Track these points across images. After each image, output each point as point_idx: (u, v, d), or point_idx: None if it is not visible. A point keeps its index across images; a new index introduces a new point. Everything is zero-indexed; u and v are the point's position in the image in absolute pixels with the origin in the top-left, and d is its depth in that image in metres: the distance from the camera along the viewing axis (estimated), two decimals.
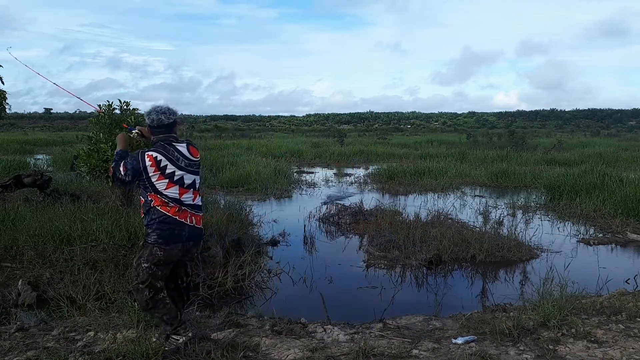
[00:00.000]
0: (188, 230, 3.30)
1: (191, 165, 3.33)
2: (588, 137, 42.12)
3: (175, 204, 3.26)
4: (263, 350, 3.51)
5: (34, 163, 16.76)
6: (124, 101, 7.28)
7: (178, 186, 3.26)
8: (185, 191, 3.29)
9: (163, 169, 3.22)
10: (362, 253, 6.97)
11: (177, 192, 3.26)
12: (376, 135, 46.86)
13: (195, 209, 3.35)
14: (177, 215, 3.26)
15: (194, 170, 3.35)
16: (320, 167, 19.99)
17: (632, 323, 3.97)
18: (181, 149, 3.32)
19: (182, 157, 3.30)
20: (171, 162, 3.24)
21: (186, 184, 3.30)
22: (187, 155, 3.33)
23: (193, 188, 3.34)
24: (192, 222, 3.32)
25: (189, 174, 3.31)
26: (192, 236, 3.35)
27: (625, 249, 7.45)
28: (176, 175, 3.25)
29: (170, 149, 3.27)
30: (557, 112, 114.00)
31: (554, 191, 11.41)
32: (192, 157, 3.35)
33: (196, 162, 3.38)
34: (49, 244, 5.56)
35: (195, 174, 3.37)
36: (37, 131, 51.60)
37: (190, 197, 3.32)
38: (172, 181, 3.24)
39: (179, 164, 3.27)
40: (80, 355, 3.32)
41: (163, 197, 3.24)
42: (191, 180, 3.33)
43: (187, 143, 3.38)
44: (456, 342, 3.62)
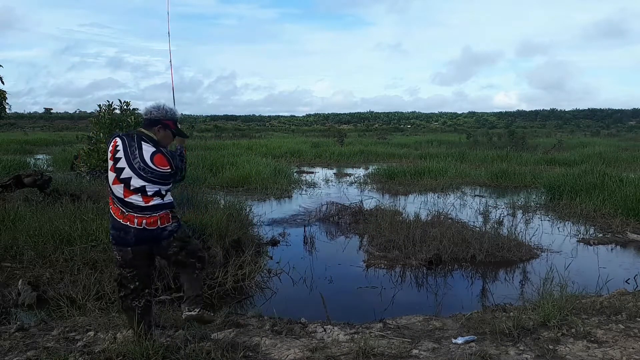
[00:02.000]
0: (134, 233, 2.97)
1: (146, 172, 2.96)
2: (588, 137, 42.13)
3: (119, 205, 2.99)
4: (263, 350, 3.51)
5: (34, 163, 16.76)
6: (124, 101, 7.31)
7: (123, 185, 2.96)
8: (131, 194, 2.96)
9: (116, 160, 2.98)
10: (362, 253, 6.97)
11: (122, 192, 2.96)
12: (376, 135, 46.85)
13: (145, 211, 2.97)
14: (120, 218, 2.98)
15: (148, 177, 2.97)
16: (320, 167, 19.98)
17: (632, 323, 3.97)
18: (145, 150, 2.99)
19: (140, 158, 2.97)
20: (125, 157, 2.96)
21: (132, 187, 2.96)
22: (148, 161, 2.97)
23: (142, 193, 2.96)
24: (142, 225, 2.96)
25: (139, 179, 2.96)
26: (143, 239, 3.00)
27: (625, 249, 7.45)
28: (124, 173, 2.95)
29: (134, 144, 3.00)
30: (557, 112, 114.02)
31: (554, 191, 11.41)
32: (153, 166, 2.98)
33: (157, 172, 2.99)
34: (49, 244, 5.56)
35: (149, 181, 2.98)
36: (37, 131, 51.61)
37: (138, 200, 2.96)
38: (118, 178, 2.96)
39: (133, 163, 2.96)
40: (80, 355, 3.32)
41: (112, 194, 3.00)
42: (139, 185, 2.96)
43: (155, 150, 3.01)
44: (456, 342, 3.62)
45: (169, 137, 3.19)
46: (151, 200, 3.00)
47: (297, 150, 23.99)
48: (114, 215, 3.03)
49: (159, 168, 3.01)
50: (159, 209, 3.02)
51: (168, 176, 3.07)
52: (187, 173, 3.32)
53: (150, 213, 3.00)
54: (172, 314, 4.05)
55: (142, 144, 3.02)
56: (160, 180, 3.03)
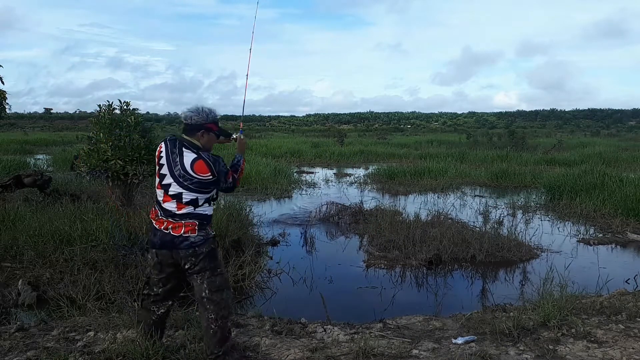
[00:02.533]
0: (159, 235, 3.01)
1: (185, 179, 2.93)
2: (588, 137, 42.15)
3: (157, 208, 3.04)
4: (263, 350, 3.51)
5: (34, 163, 16.75)
6: (124, 101, 7.28)
7: (163, 191, 2.99)
8: (169, 199, 2.98)
9: (160, 166, 3.01)
10: (362, 253, 6.97)
11: (162, 196, 3.00)
12: (376, 135, 46.86)
13: (174, 217, 2.97)
14: (154, 220, 3.05)
15: (186, 185, 2.94)
16: (320, 167, 19.98)
17: (632, 323, 3.97)
18: (186, 157, 2.96)
19: (180, 165, 2.95)
20: (167, 164, 2.98)
21: (171, 192, 2.97)
22: (187, 167, 2.94)
23: (178, 200, 2.96)
24: (167, 229, 2.98)
25: (178, 186, 2.95)
26: (164, 242, 2.99)
27: (625, 249, 7.45)
28: (165, 179, 2.98)
29: (175, 150, 2.98)
30: (557, 112, 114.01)
31: (554, 191, 11.41)
32: (191, 172, 2.93)
33: (196, 179, 2.94)
34: (49, 244, 5.56)
35: (187, 188, 2.95)
36: (37, 131, 51.61)
37: (172, 206, 2.98)
38: (160, 183, 3.00)
39: (174, 170, 2.95)
40: (80, 355, 3.32)
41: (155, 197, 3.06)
42: (176, 192, 2.96)
43: (196, 157, 2.96)
44: (456, 342, 3.62)
45: (213, 139, 3.12)
46: (184, 207, 2.97)
47: (297, 150, 24.00)
48: (150, 216, 3.11)
49: (199, 175, 2.94)
50: (186, 217, 2.98)
51: (209, 183, 2.99)
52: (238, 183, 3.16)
53: (178, 220, 2.98)
54: (172, 314, 4.04)
55: (183, 150, 2.98)
56: (200, 188, 2.97)
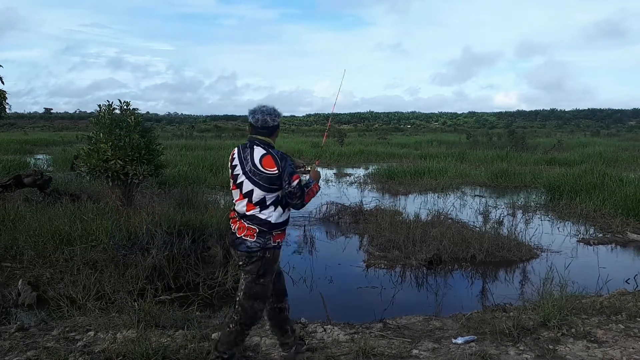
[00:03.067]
0: (231, 235, 3.17)
1: (254, 174, 3.01)
2: (588, 137, 42.13)
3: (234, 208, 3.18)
4: (263, 350, 3.51)
5: (34, 163, 16.75)
6: (124, 101, 7.27)
7: (238, 191, 3.09)
8: (241, 198, 3.08)
9: (233, 167, 3.14)
10: (362, 253, 6.97)
11: (237, 196, 3.11)
12: (376, 135, 46.86)
13: (244, 219, 3.07)
14: (231, 219, 3.19)
15: (255, 180, 3.01)
16: (320, 167, 19.97)
17: (632, 323, 3.97)
18: (255, 154, 3.06)
19: (251, 162, 3.04)
20: (240, 164, 3.09)
21: (244, 191, 3.06)
22: (257, 163, 3.02)
23: (248, 199, 3.04)
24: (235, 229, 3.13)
25: (249, 182, 3.03)
26: (233, 243, 3.14)
27: (625, 248, 7.45)
28: (239, 178, 3.09)
29: (247, 151, 3.10)
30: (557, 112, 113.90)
31: (554, 191, 11.41)
32: (261, 167, 3.01)
33: (263, 174, 3.00)
34: (49, 244, 5.56)
35: (257, 185, 3.01)
36: (37, 131, 51.58)
37: (242, 206, 3.08)
38: (235, 183, 3.12)
39: (245, 168, 3.06)
40: (80, 355, 3.32)
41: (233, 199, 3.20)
42: (248, 189, 3.04)
43: (265, 152, 3.05)
44: (456, 342, 3.62)
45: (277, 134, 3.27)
46: (252, 209, 3.04)
47: (297, 150, 24.00)
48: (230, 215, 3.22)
49: (266, 170, 2.99)
50: (251, 220, 3.04)
51: (275, 179, 3.00)
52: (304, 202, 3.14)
53: (245, 221, 3.06)
54: (172, 314, 4.04)
55: (254, 147, 3.08)
56: (267, 184, 3.01)
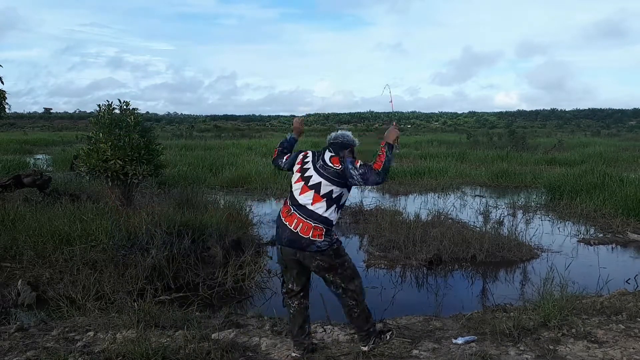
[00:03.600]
0: (287, 234, 3.24)
1: (323, 169, 3.33)
2: (588, 136, 42.08)
3: (289, 205, 3.36)
4: (263, 350, 3.51)
5: (34, 163, 16.75)
6: (123, 101, 7.27)
7: (303, 183, 3.36)
8: (306, 190, 3.32)
9: (304, 163, 3.46)
10: (362, 253, 6.97)
11: (300, 188, 3.36)
12: (376, 135, 46.80)
13: (304, 213, 3.23)
14: (284, 216, 3.33)
15: (324, 173, 3.30)
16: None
17: (633, 323, 3.96)
18: (326, 155, 3.43)
19: (321, 160, 3.40)
20: (312, 160, 3.45)
21: (310, 183, 3.33)
22: (327, 160, 3.38)
23: (315, 191, 3.27)
24: (297, 228, 3.21)
25: (317, 175, 3.32)
26: (291, 241, 3.23)
27: (625, 249, 7.45)
28: (307, 172, 3.39)
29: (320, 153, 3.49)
30: (558, 112, 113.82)
31: (554, 191, 11.40)
32: (329, 163, 3.34)
33: (330, 168, 3.30)
34: (48, 244, 5.55)
35: (325, 178, 3.28)
36: (37, 131, 51.56)
37: (308, 199, 3.28)
38: (302, 176, 3.40)
39: (316, 164, 3.40)
40: (80, 355, 3.32)
41: (290, 194, 3.43)
42: (316, 182, 3.31)
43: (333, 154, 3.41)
44: (456, 342, 3.62)
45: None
46: (318, 201, 3.25)
47: (297, 150, 23.96)
48: (281, 213, 3.39)
49: (334, 165, 3.33)
50: (317, 219, 3.22)
51: (337, 173, 3.29)
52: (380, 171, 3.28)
53: (309, 219, 3.22)
54: (171, 314, 4.04)
55: (325, 151, 3.47)
56: (334, 177, 3.29)
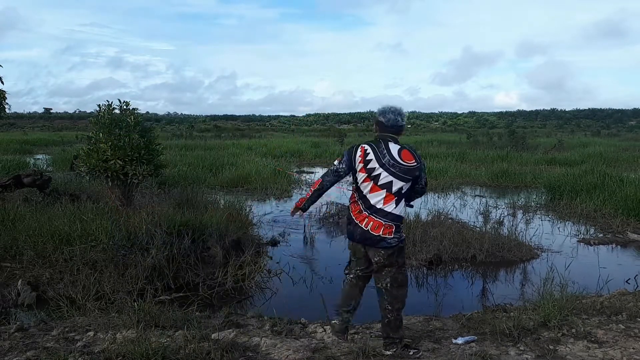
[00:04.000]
0: (360, 232, 3.33)
1: (393, 167, 3.24)
2: (588, 136, 42.07)
3: (360, 205, 3.34)
4: (263, 350, 3.51)
5: (34, 163, 16.75)
6: (123, 101, 7.26)
7: (372, 182, 3.28)
8: (377, 189, 3.27)
9: (367, 162, 3.30)
10: None
11: (369, 188, 3.29)
12: None
13: (376, 213, 3.27)
14: (355, 216, 3.37)
15: (395, 172, 3.24)
16: (320, 167, 19.97)
17: (633, 323, 3.96)
18: (392, 148, 3.29)
19: (389, 156, 3.26)
20: (376, 157, 3.28)
21: (380, 183, 3.27)
22: (395, 156, 3.26)
23: (387, 190, 3.26)
24: (367, 227, 3.28)
25: (387, 174, 3.25)
26: (364, 239, 3.33)
27: (625, 249, 7.45)
28: (375, 171, 3.27)
29: (381, 146, 3.30)
30: (558, 112, 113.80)
31: (554, 191, 11.40)
32: (400, 160, 3.25)
33: (402, 166, 3.24)
34: (48, 244, 5.55)
35: (396, 176, 3.24)
36: (37, 131, 51.56)
37: (379, 198, 3.26)
38: (369, 176, 3.29)
39: (383, 161, 3.26)
40: (80, 355, 3.31)
41: (357, 193, 3.37)
42: (387, 181, 3.26)
43: (401, 146, 3.32)
44: (456, 342, 3.62)
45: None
46: (390, 200, 3.27)
47: (297, 150, 23.98)
48: (351, 211, 3.42)
49: (406, 162, 3.26)
50: (388, 217, 3.27)
51: (413, 170, 3.27)
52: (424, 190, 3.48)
53: (380, 217, 3.27)
54: (171, 314, 4.04)
55: (388, 144, 3.32)
56: (405, 175, 3.26)
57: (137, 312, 3.92)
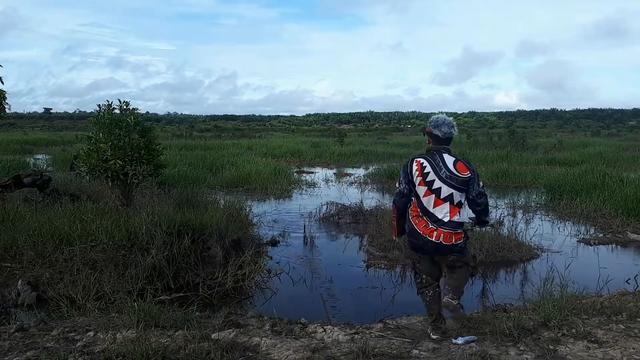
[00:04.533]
0: (431, 245, 3.44)
1: (452, 179, 3.36)
2: (588, 137, 42.07)
3: (426, 219, 3.42)
4: (263, 350, 3.51)
5: (34, 163, 16.75)
6: (123, 101, 7.26)
7: (434, 196, 3.37)
8: (440, 203, 3.37)
9: (425, 175, 3.38)
10: (362, 253, 6.96)
11: (432, 202, 3.38)
12: (376, 135, 46.82)
13: (445, 226, 3.39)
14: (422, 231, 3.44)
15: (453, 184, 3.37)
16: (320, 167, 19.98)
17: (633, 323, 3.96)
18: (447, 160, 3.40)
19: (445, 168, 3.37)
20: (434, 170, 3.38)
21: (443, 196, 3.37)
22: (451, 168, 3.37)
23: (450, 202, 3.38)
24: (439, 239, 3.40)
25: (447, 187, 3.36)
26: (438, 250, 3.47)
27: (625, 249, 7.45)
28: (435, 184, 3.36)
29: (437, 158, 3.41)
30: (558, 112, 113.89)
31: (554, 191, 11.40)
32: (457, 172, 3.37)
33: (459, 178, 3.37)
34: (48, 244, 5.55)
35: (456, 188, 3.37)
36: (37, 131, 51.59)
37: (445, 212, 3.38)
38: (429, 189, 3.37)
39: (440, 174, 3.36)
40: (80, 355, 3.31)
41: (420, 208, 3.44)
42: (448, 194, 3.37)
43: (455, 158, 3.44)
44: (456, 342, 3.62)
45: None
46: (455, 212, 3.41)
47: (297, 150, 23.98)
48: (416, 225, 3.48)
49: (461, 174, 3.39)
50: (455, 226, 3.43)
51: (467, 181, 3.41)
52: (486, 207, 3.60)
53: (449, 229, 3.41)
54: (171, 314, 4.04)
55: (443, 156, 3.45)
56: (462, 186, 3.40)
57: (137, 312, 3.92)
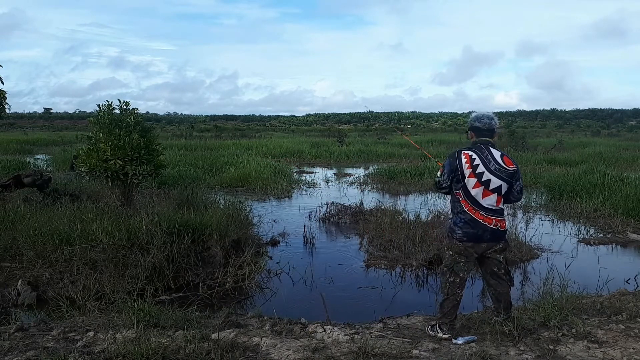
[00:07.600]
0: (489, 232, 3.55)
1: (500, 172, 3.51)
2: (588, 137, 42.07)
3: (477, 209, 3.53)
4: (263, 350, 3.51)
5: (34, 163, 16.76)
6: (123, 101, 7.26)
7: (483, 188, 3.51)
8: (488, 194, 3.52)
9: (475, 167, 3.51)
10: (362, 253, 6.96)
11: (481, 193, 3.51)
12: (376, 135, 46.81)
13: (494, 213, 3.55)
14: (481, 219, 3.55)
15: (502, 176, 3.52)
16: (320, 167, 19.98)
17: (633, 323, 3.96)
18: (495, 154, 3.55)
19: (494, 161, 3.52)
20: (483, 163, 3.51)
21: (491, 187, 3.52)
22: (499, 161, 3.53)
23: (497, 193, 3.54)
24: (497, 226, 3.56)
25: (496, 179, 3.51)
26: (495, 236, 3.58)
27: (625, 249, 7.45)
28: (484, 176, 3.50)
29: (485, 151, 3.55)
30: (558, 112, 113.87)
31: (554, 191, 11.40)
32: (505, 165, 3.53)
33: (507, 170, 3.53)
34: (48, 244, 5.54)
35: (504, 180, 3.53)
36: (37, 131, 51.56)
37: (492, 201, 3.53)
38: (479, 181, 3.50)
39: (490, 166, 3.50)
40: (80, 355, 3.31)
41: (469, 199, 3.54)
42: (497, 185, 3.52)
43: (501, 153, 3.59)
44: (456, 342, 3.62)
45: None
46: (501, 201, 3.58)
47: (297, 150, 23.97)
48: (474, 215, 3.55)
49: (508, 167, 3.54)
50: (502, 214, 3.63)
51: (513, 174, 3.56)
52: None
53: (499, 216, 3.60)
54: (171, 314, 4.04)
55: (490, 150, 3.58)
56: (509, 179, 3.56)
57: (137, 312, 3.92)
